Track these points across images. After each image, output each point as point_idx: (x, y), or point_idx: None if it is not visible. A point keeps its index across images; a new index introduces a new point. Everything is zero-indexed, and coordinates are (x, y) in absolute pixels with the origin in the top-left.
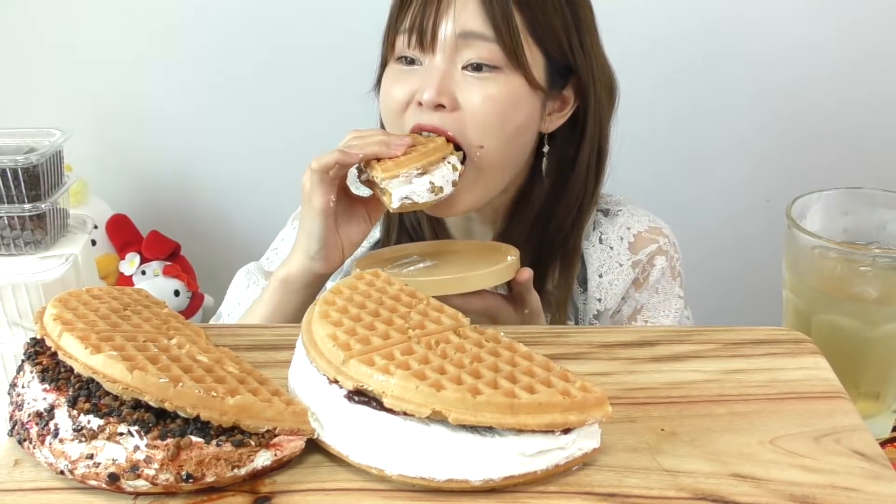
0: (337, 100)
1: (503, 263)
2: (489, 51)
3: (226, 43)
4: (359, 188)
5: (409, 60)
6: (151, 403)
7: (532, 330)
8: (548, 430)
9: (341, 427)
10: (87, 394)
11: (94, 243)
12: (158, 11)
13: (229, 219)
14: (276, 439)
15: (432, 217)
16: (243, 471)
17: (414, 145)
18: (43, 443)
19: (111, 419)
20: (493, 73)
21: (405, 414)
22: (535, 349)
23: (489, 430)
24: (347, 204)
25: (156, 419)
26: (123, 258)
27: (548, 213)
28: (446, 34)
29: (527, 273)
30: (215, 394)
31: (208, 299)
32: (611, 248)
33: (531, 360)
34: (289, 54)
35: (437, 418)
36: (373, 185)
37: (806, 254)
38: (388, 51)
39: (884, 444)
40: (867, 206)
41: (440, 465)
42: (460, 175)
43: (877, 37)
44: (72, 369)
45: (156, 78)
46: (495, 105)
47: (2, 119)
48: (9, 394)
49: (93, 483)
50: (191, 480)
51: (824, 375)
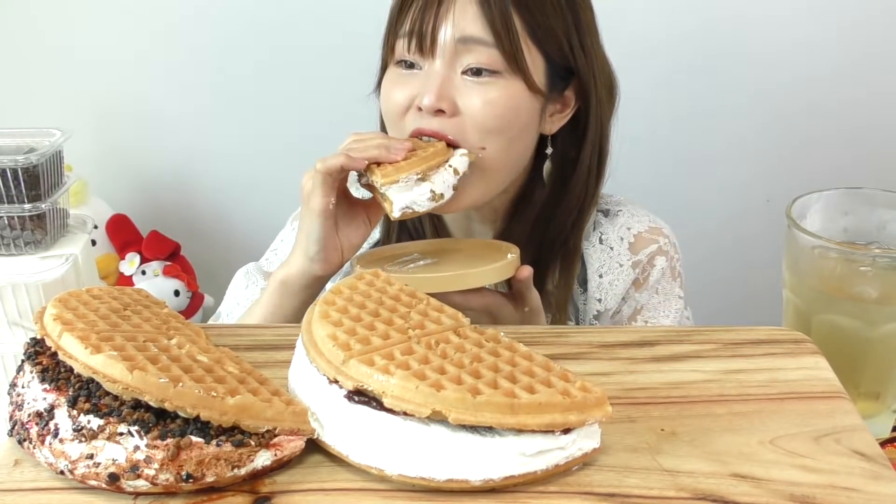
0: (337, 100)
1: (503, 261)
2: (489, 56)
3: (226, 43)
4: (358, 189)
5: (409, 64)
6: (151, 403)
7: (532, 330)
8: (548, 430)
9: (341, 427)
10: (87, 394)
11: (94, 243)
12: (158, 11)
13: (229, 219)
14: (276, 439)
15: (433, 216)
16: (243, 471)
17: (414, 150)
18: (43, 443)
19: (111, 419)
20: (492, 78)
21: (405, 414)
22: (535, 349)
23: (489, 430)
24: (347, 206)
25: (156, 419)
26: (123, 258)
27: (549, 213)
28: (446, 39)
29: (527, 271)
30: (215, 394)
31: (208, 299)
32: (611, 249)
33: (531, 360)
34: (289, 54)
35: (437, 418)
36: (373, 188)
37: (806, 254)
38: (388, 54)
39: (884, 444)
40: (867, 206)
41: (440, 465)
42: (461, 176)
43: (877, 37)
44: (72, 369)
45: (156, 78)
46: (495, 109)
47: (2, 119)
48: (9, 394)
49: (93, 483)
50: (191, 480)
51: (824, 375)
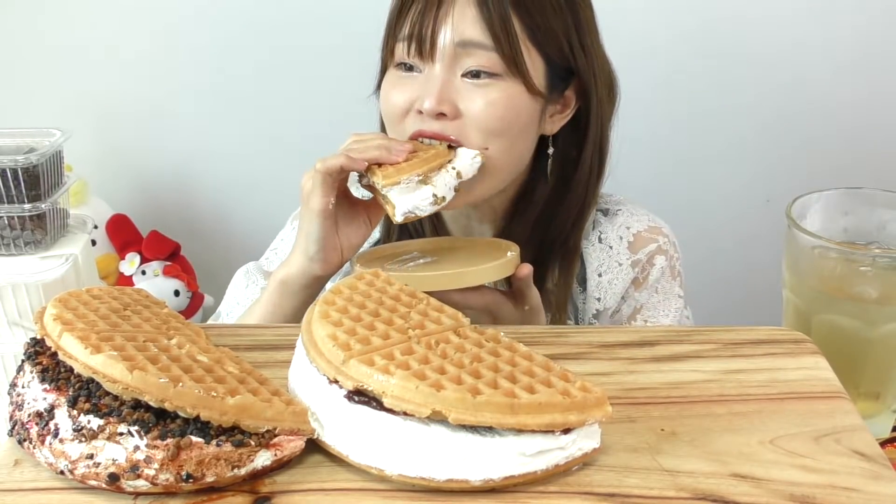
0: (337, 100)
1: (503, 259)
2: (488, 59)
3: (226, 43)
4: (359, 189)
5: (409, 67)
6: (151, 403)
7: (532, 330)
8: (548, 430)
9: (341, 427)
10: (87, 394)
11: (94, 243)
12: (158, 11)
13: (229, 219)
14: (276, 439)
15: (432, 216)
16: (243, 471)
17: (415, 151)
18: (43, 443)
19: (111, 419)
20: (492, 80)
21: (405, 414)
22: (535, 349)
23: (489, 430)
24: (348, 206)
25: (156, 419)
26: (123, 258)
27: (549, 213)
28: (445, 43)
29: (526, 269)
30: (215, 394)
31: (208, 299)
32: (610, 248)
33: (531, 360)
34: (289, 54)
35: (437, 418)
36: (374, 189)
37: (806, 254)
38: (388, 56)
39: (884, 444)
40: (867, 206)
41: (440, 465)
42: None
43: (877, 37)
44: (72, 369)
45: (156, 78)
46: (496, 110)
47: (2, 119)
48: (9, 394)
49: (93, 483)
50: (191, 480)
51: (824, 375)
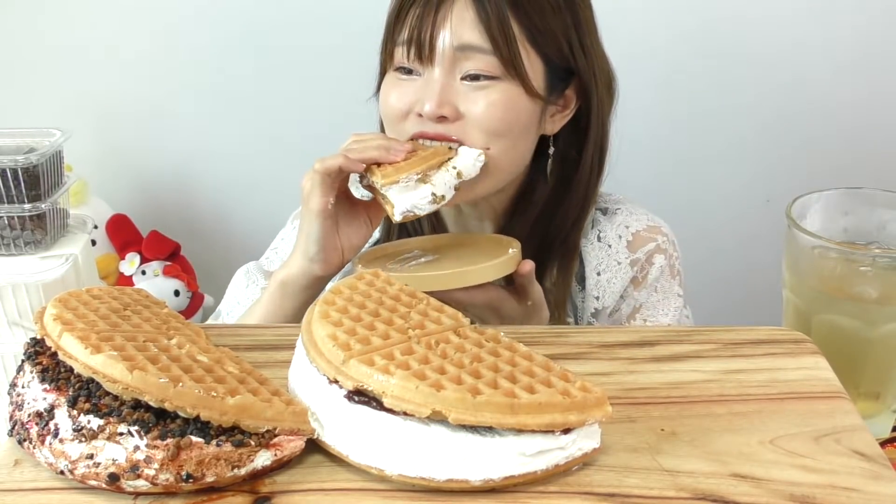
0: (337, 100)
1: (505, 256)
2: (487, 62)
3: (226, 43)
4: (359, 189)
5: (408, 70)
6: (151, 403)
7: (532, 330)
8: (548, 430)
9: (341, 427)
10: (87, 394)
11: (94, 243)
12: (158, 11)
13: (229, 219)
14: (276, 439)
15: (431, 215)
16: (243, 471)
17: (414, 150)
18: (43, 443)
19: (111, 419)
20: (491, 82)
21: (405, 414)
22: (535, 349)
23: (489, 430)
24: (348, 207)
25: (156, 419)
26: (123, 258)
27: (550, 212)
28: (444, 47)
29: (528, 265)
30: (215, 394)
31: (208, 299)
32: (609, 247)
33: (531, 360)
34: (289, 55)
35: (437, 418)
36: (373, 189)
37: (806, 254)
38: (387, 59)
39: (884, 444)
40: (867, 206)
41: (440, 465)
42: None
43: (877, 37)
44: (72, 369)
45: (156, 78)
46: (497, 111)
47: (2, 119)
48: (9, 394)
49: (93, 483)
50: (191, 480)
51: (824, 375)
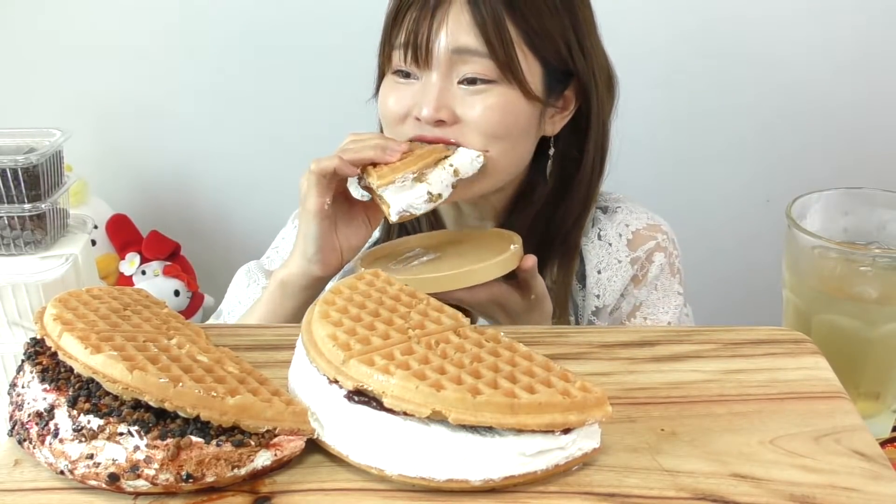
0: (337, 100)
1: (507, 253)
2: (483, 66)
3: (226, 43)
4: (358, 190)
5: (406, 74)
6: (151, 403)
7: (532, 330)
8: (548, 430)
9: (341, 427)
10: (87, 394)
11: (94, 243)
12: (159, 11)
13: (229, 219)
14: (276, 439)
15: (430, 214)
16: (243, 471)
17: (411, 150)
18: (43, 443)
19: (111, 419)
20: (488, 86)
21: (405, 414)
22: (535, 349)
23: (489, 430)
24: (347, 208)
25: (156, 419)
26: (123, 258)
27: (549, 211)
28: (440, 50)
29: (531, 260)
30: (215, 394)
31: (208, 299)
32: (609, 245)
33: (531, 360)
34: (289, 55)
35: (437, 418)
36: (371, 190)
37: (806, 254)
38: (385, 62)
39: (884, 444)
40: (867, 206)
41: (440, 465)
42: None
43: (877, 37)
44: (72, 369)
45: (156, 78)
46: (495, 114)
47: (2, 119)
48: (9, 394)
49: (93, 483)
50: (191, 480)
51: (824, 375)
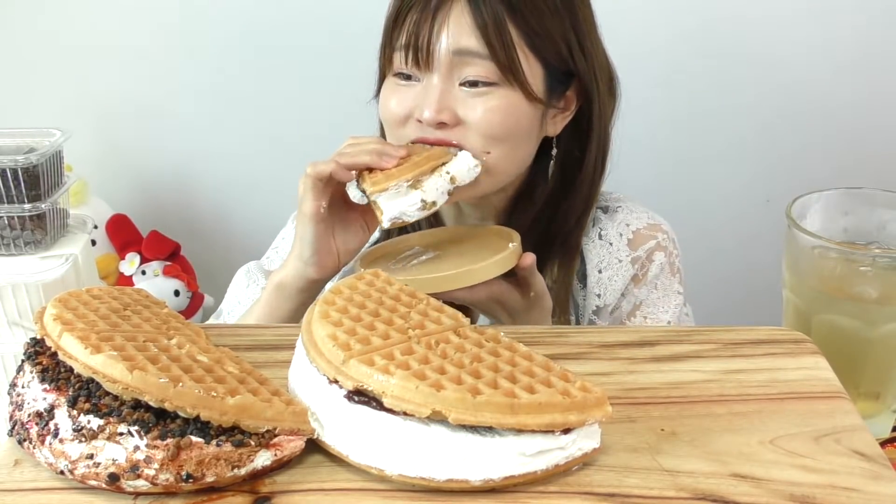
0: (337, 100)
1: (505, 252)
2: (484, 68)
3: (226, 43)
4: (356, 190)
5: (407, 76)
6: (151, 403)
7: (532, 330)
8: (548, 430)
9: (341, 427)
10: (87, 394)
11: (94, 243)
12: (159, 11)
13: (229, 219)
14: (276, 439)
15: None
16: (243, 471)
17: (409, 155)
18: (43, 443)
19: (111, 419)
20: (489, 88)
21: (405, 414)
22: (535, 349)
23: (489, 430)
24: (345, 211)
25: (156, 419)
26: (123, 258)
27: (551, 211)
28: (441, 52)
29: (530, 258)
30: (215, 394)
31: (208, 299)
32: (610, 245)
33: (531, 360)
34: (289, 55)
35: (437, 418)
36: (367, 194)
37: (806, 254)
38: (386, 64)
39: (884, 444)
40: (867, 206)
41: (440, 465)
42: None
43: (877, 37)
44: (72, 369)
45: (156, 78)
46: (496, 116)
47: (2, 119)
48: (9, 394)
49: (93, 483)
50: (191, 480)
51: (824, 375)
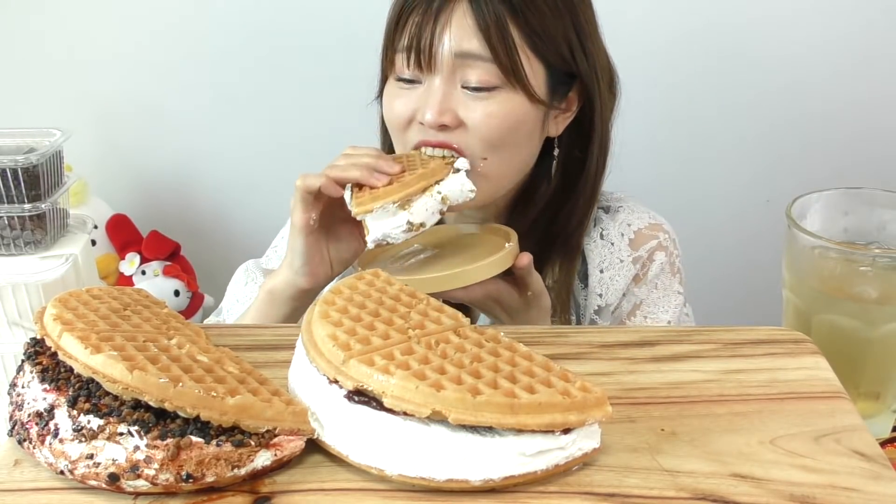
0: (337, 101)
1: (502, 252)
2: (486, 70)
3: (226, 43)
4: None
5: (409, 80)
6: (151, 403)
7: (532, 330)
8: (548, 430)
9: (341, 427)
10: (87, 394)
11: (94, 243)
12: (159, 11)
13: (229, 219)
14: (276, 439)
15: None
16: (243, 471)
17: (404, 171)
18: (43, 443)
19: (111, 419)
20: (491, 93)
21: (405, 414)
22: (535, 349)
23: (489, 430)
24: (339, 222)
25: (156, 419)
26: (123, 258)
27: (552, 211)
28: (444, 54)
29: (526, 258)
30: (215, 394)
31: (208, 299)
32: (611, 245)
33: (531, 360)
34: (289, 55)
35: (437, 418)
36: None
37: (806, 254)
38: (388, 66)
39: (884, 444)
40: (867, 206)
41: (440, 465)
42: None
43: (877, 38)
44: (72, 369)
45: (156, 78)
46: (496, 121)
47: (2, 119)
48: (9, 394)
49: (93, 483)
50: (191, 480)
51: (824, 375)
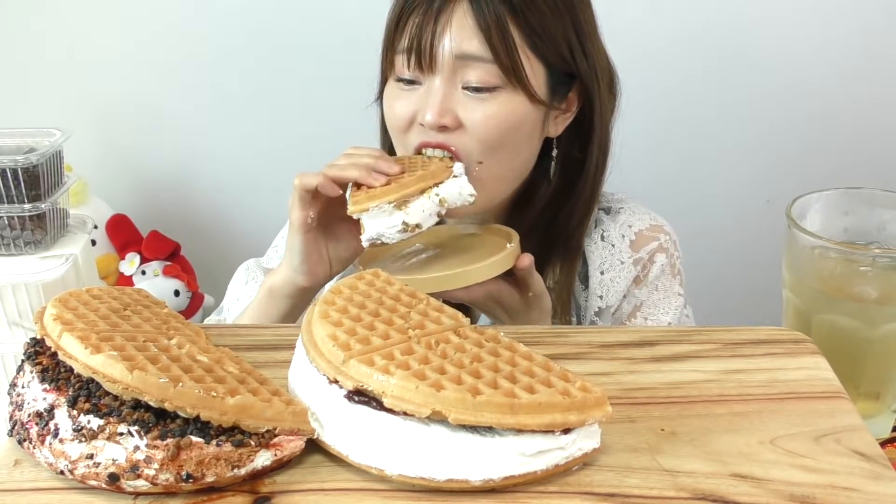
0: (337, 101)
1: (503, 252)
2: (487, 71)
3: (226, 43)
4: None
5: (409, 81)
6: (151, 403)
7: (532, 330)
8: (548, 430)
9: (341, 427)
10: (87, 394)
11: (94, 243)
12: (159, 11)
13: (229, 219)
14: (276, 439)
15: None
16: (243, 471)
17: (403, 172)
18: (43, 443)
19: (111, 419)
20: (491, 94)
21: (405, 414)
22: (535, 349)
23: (489, 430)
24: (338, 221)
25: (156, 419)
26: (123, 258)
27: (552, 212)
28: (444, 56)
29: (527, 259)
30: (215, 394)
31: (208, 299)
32: (612, 246)
33: (531, 360)
34: (289, 55)
35: (437, 418)
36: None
37: (806, 254)
38: (388, 67)
39: (884, 444)
40: (867, 206)
41: (440, 465)
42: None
43: (877, 38)
44: (72, 369)
45: (156, 78)
46: (496, 122)
47: (2, 119)
48: (9, 394)
49: (93, 483)
50: (191, 480)
51: (824, 375)
